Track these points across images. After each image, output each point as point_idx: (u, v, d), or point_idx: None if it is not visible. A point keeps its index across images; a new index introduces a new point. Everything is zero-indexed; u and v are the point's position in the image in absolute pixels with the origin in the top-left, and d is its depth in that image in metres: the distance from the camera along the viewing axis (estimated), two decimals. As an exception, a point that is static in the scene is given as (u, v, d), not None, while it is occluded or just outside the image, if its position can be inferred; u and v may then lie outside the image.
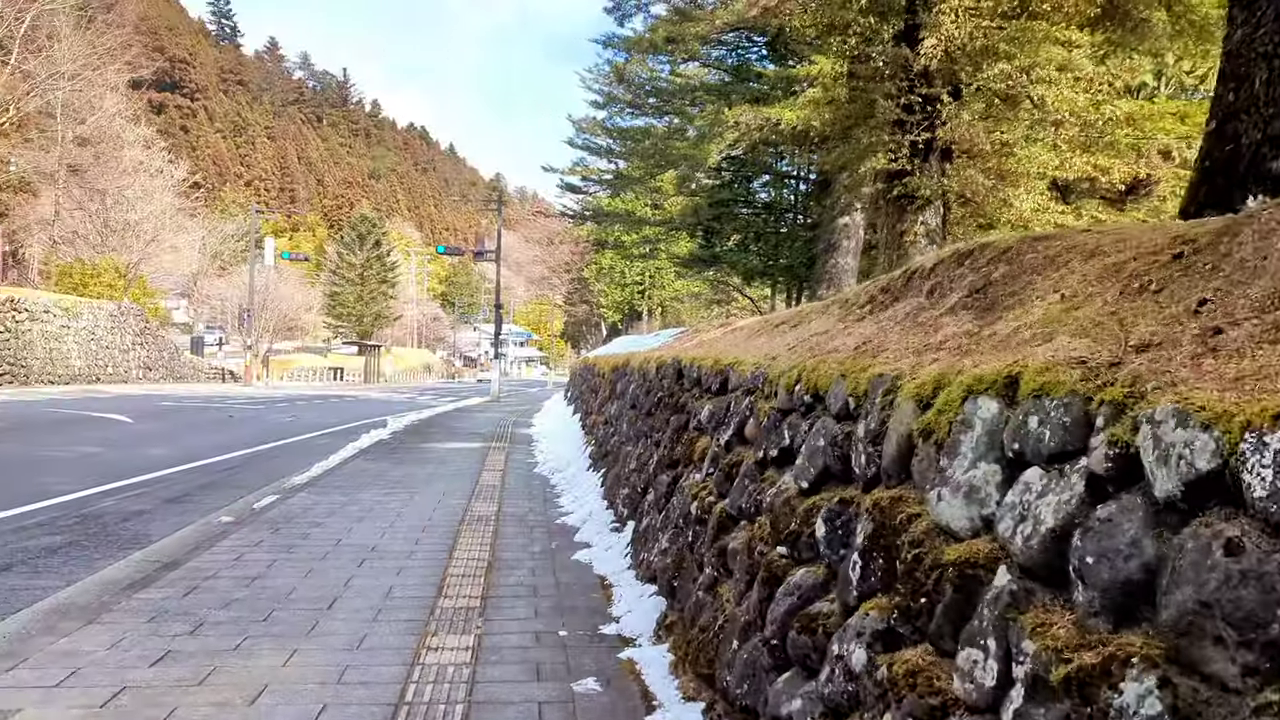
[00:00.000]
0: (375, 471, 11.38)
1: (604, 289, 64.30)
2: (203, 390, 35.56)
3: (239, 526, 7.70)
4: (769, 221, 33.92)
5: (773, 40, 27.04)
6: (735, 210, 33.63)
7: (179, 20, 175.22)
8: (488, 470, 11.67)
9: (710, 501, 4.70)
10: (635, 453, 7.58)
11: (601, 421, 11.06)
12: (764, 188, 34.73)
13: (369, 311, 76.44)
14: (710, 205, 31.53)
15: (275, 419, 20.79)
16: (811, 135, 21.43)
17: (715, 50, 29.74)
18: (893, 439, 2.79)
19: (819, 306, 5.68)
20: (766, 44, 28.91)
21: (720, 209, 32.35)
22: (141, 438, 15.51)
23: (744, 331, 7.12)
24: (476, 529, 7.71)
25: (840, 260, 12.36)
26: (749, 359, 5.01)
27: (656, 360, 7.80)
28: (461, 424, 20.04)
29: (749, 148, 23.31)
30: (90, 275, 38.85)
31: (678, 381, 6.76)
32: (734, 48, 30.44)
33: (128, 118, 43.49)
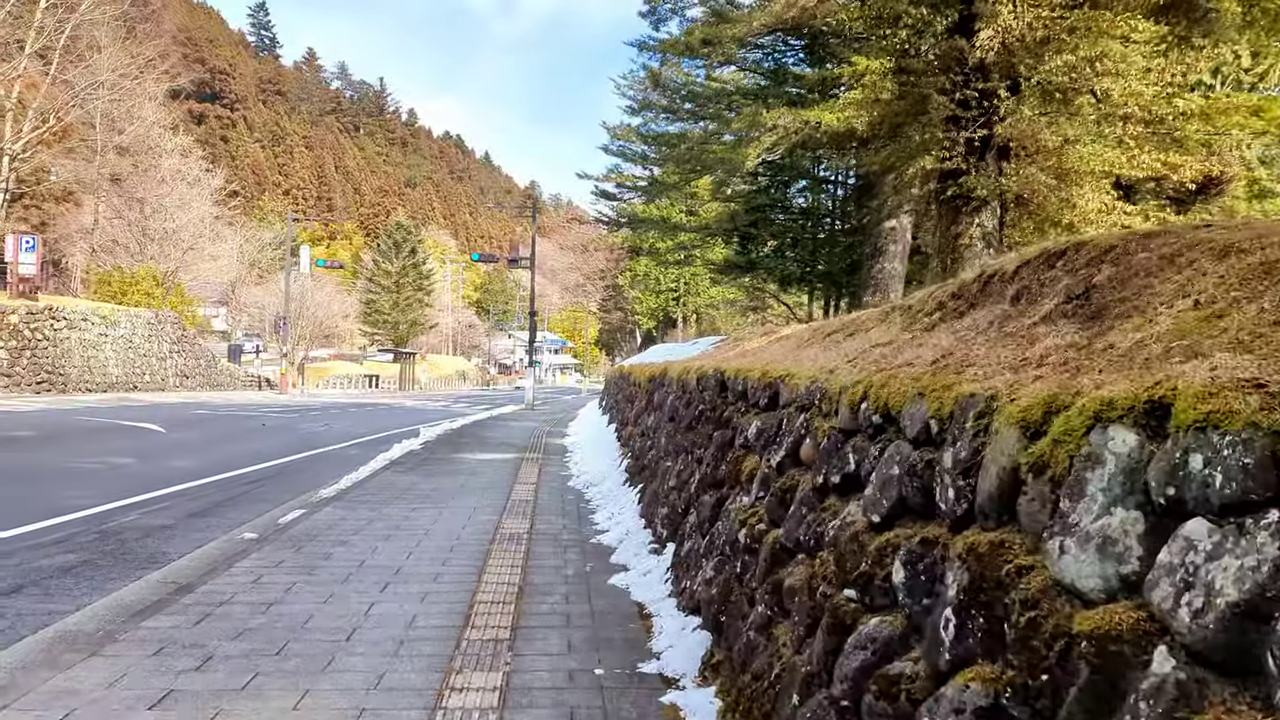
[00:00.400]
0: (405, 484, 11.05)
1: (638, 296, 63.97)
2: (238, 398, 35.61)
3: (261, 544, 7.37)
4: (806, 227, 33.38)
5: (810, 43, 26.58)
6: (772, 216, 33.14)
7: (219, 32, 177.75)
8: (520, 483, 11.30)
9: (761, 530, 4.27)
10: (674, 469, 7.16)
11: (638, 433, 10.65)
12: (800, 193, 34.20)
13: (404, 319, 76.65)
14: (747, 211, 31.06)
15: (308, 428, 20.59)
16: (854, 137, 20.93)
17: (751, 54, 29.28)
18: (991, 472, 2.35)
19: (875, 314, 5.23)
20: (804, 47, 28.43)
21: (757, 214, 31.86)
22: (172, 448, 15.32)
23: (791, 341, 6.68)
24: (507, 549, 7.32)
25: (887, 265, 11.86)
26: (801, 371, 4.58)
27: (697, 371, 7.38)
28: (494, 433, 19.72)
29: (787, 151, 22.82)
30: (129, 283, 39.12)
31: (720, 394, 6.34)
32: (770, 51, 29.94)
33: (166, 126, 43.85)
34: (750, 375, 5.50)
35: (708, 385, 6.82)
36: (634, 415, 11.91)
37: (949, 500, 2.57)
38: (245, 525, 8.43)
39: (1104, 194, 8.82)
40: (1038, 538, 2.13)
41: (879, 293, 11.84)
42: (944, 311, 4.04)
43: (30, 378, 29.20)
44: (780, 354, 6.18)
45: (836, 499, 3.53)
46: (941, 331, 3.65)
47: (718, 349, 9.87)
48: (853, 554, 3.09)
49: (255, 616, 5.27)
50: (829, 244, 31.38)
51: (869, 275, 12.09)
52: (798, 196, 34.36)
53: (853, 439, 3.49)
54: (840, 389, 3.74)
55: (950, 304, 4.04)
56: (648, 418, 10.14)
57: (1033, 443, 2.21)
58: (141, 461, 13.27)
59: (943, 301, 4.14)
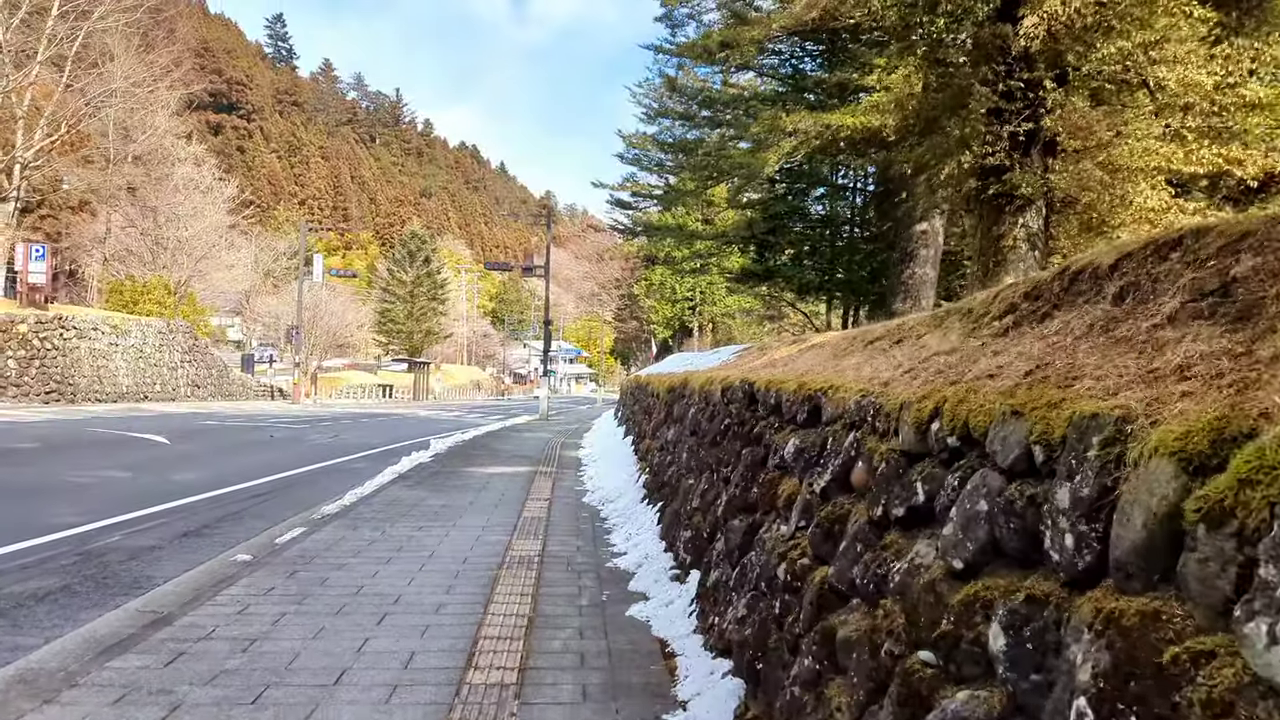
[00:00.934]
0: (412, 500, 10.53)
1: (654, 305, 63.46)
2: (249, 408, 35.23)
3: (253, 568, 6.86)
4: (824, 235, 32.84)
5: (828, 47, 26.08)
6: (789, 224, 32.61)
7: (237, 43, 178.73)
8: (533, 499, 10.77)
9: (805, 565, 3.72)
10: (698, 488, 6.61)
11: (656, 447, 10.11)
12: (818, 201, 33.66)
13: (419, 328, 76.35)
14: (765, 219, 30.55)
15: (316, 439, 20.13)
16: (877, 140, 20.37)
17: (768, 59, 28.82)
18: (1134, 518, 1.80)
19: (925, 319, 4.68)
20: (821, 52, 27.94)
21: (775, 222, 31.34)
22: (174, 460, 14.87)
23: (825, 349, 6.13)
24: (517, 573, 6.78)
25: (918, 271, 11.28)
26: (847, 384, 4.03)
27: (722, 381, 6.83)
28: (507, 445, 19.21)
29: (806, 157, 22.30)
30: (140, 292, 38.86)
31: (749, 407, 5.79)
32: (787, 57, 29.48)
33: (179, 135, 43.63)
34: (784, 387, 4.96)
35: (735, 397, 6.28)
36: (652, 428, 11.36)
37: (1065, 549, 2.02)
38: (240, 546, 7.93)
39: (1161, 191, 8.23)
40: (1215, 612, 1.58)
41: (909, 299, 11.26)
42: (1017, 314, 3.48)
43: (39, 388, 28.89)
44: (815, 364, 5.64)
45: (900, 535, 2.98)
46: (1027, 339, 3.09)
47: (740, 358, 9.31)
48: (928, 606, 2.54)
49: (235, 656, 4.74)
50: (848, 252, 30.82)
51: (898, 281, 11.49)
52: (815, 204, 33.83)
53: (920, 464, 2.95)
54: (900, 405, 3.20)
55: (1025, 305, 3.48)
56: (667, 431, 9.59)
57: (1201, 481, 1.66)
58: (140, 475, 12.81)
59: (1013, 303, 3.58)
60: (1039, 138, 8.29)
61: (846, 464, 3.61)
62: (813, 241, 33.23)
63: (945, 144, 8.88)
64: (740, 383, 6.12)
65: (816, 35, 25.46)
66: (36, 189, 41.00)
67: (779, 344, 8.00)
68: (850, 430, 3.72)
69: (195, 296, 43.80)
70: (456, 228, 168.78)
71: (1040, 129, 8.15)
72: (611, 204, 57.49)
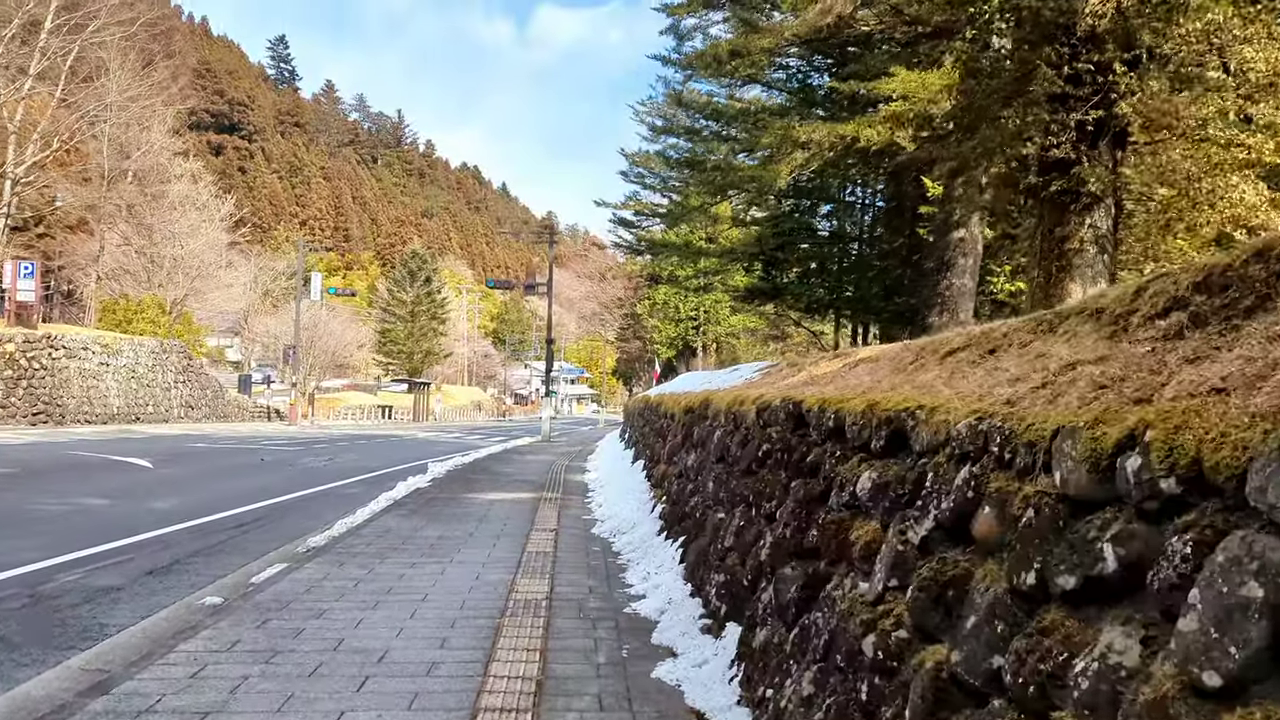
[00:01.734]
0: (405, 531, 9.65)
1: (657, 324, 62.74)
2: (244, 430, 34.37)
3: (220, 614, 6.00)
4: (832, 252, 32.11)
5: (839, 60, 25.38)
6: (798, 240, 31.88)
7: (239, 65, 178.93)
8: (537, 530, 9.89)
9: (902, 639, 2.86)
10: (731, 524, 5.75)
11: (674, 474, 9.24)
12: (826, 218, 32.95)
13: (419, 348, 75.52)
14: (774, 235, 29.84)
15: (309, 463, 19.26)
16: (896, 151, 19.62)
17: (777, 73, 28.17)
18: None
19: (1025, 325, 3.84)
20: (830, 66, 27.26)
21: (783, 239, 30.61)
22: (155, 486, 14.00)
23: (882, 364, 5.28)
24: (523, 622, 5.91)
25: (955, 281, 10.41)
26: (945, 403, 3.19)
27: (756, 401, 5.98)
28: (509, 468, 18.33)
29: (818, 170, 21.59)
30: (134, 311, 38.03)
31: (797, 431, 4.95)
32: (795, 71, 28.83)
33: (175, 152, 42.94)
34: (846, 407, 4.11)
35: (775, 419, 5.43)
36: (667, 452, 10.49)
37: None
38: (210, 586, 7.07)
39: (1257, 186, 7.40)
40: None
41: (946, 312, 10.39)
42: (1190, 311, 2.63)
43: (26, 409, 28.01)
44: (878, 380, 4.79)
45: (1070, 616, 2.12)
46: (1246, 340, 2.24)
47: (767, 375, 8.46)
48: (1157, 741, 1.68)
49: (178, 737, 3.87)
50: (857, 269, 30.07)
51: (934, 292, 10.63)
52: (823, 222, 33.11)
53: (1097, 516, 2.09)
54: (1053, 431, 2.35)
55: (1199, 300, 2.63)
56: (686, 456, 8.73)
57: None
58: (116, 503, 11.94)
59: (1179, 298, 2.73)
60: (1108, 128, 7.47)
61: (961, 508, 2.75)
62: (820, 259, 32.51)
63: (995, 138, 8.04)
64: (782, 402, 5.27)
65: (828, 45, 24.75)
66: (32, 207, 40.26)
67: (813, 359, 7.16)
68: (962, 464, 2.87)
69: (190, 316, 42.97)
70: (458, 248, 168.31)
71: (1111, 117, 7.32)
72: (614, 223, 56.90)
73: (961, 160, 8.93)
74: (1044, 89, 7.17)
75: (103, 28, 34.17)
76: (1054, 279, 7.62)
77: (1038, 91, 7.27)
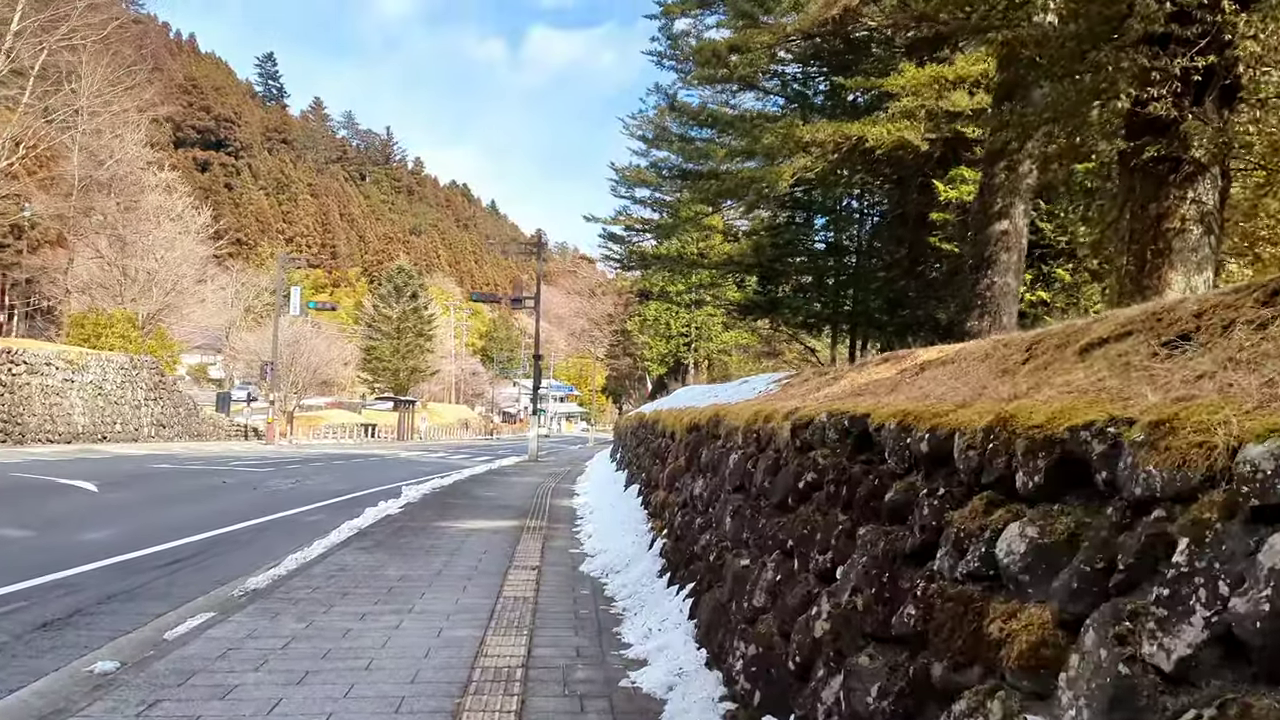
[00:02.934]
0: (364, 570, 8.29)
1: (648, 341, 61.41)
2: (216, 449, 32.84)
3: (103, 690, 4.65)
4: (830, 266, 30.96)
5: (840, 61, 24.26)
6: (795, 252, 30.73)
7: (226, 81, 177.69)
8: (517, 568, 8.53)
9: None
10: (762, 577, 4.41)
11: (676, 503, 7.89)
12: (824, 229, 31.80)
13: (405, 366, 73.95)
14: (772, 246, 28.68)
15: (275, 485, 17.83)
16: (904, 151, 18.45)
17: (772, 81, 27.06)
18: None
19: (1227, 297, 2.55)
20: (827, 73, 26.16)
21: (780, 250, 29.45)
22: (93, 514, 12.58)
23: (970, 365, 3.98)
24: (489, 703, 4.56)
25: (998, 280, 9.12)
26: (1188, 416, 1.88)
27: (790, 417, 4.67)
28: (491, 491, 16.95)
29: (821, 174, 20.39)
30: (104, 325, 36.47)
31: (858, 456, 3.64)
32: (792, 79, 27.74)
33: (149, 160, 41.41)
34: (952, 422, 2.80)
35: (819, 439, 4.12)
36: (667, 476, 9.14)
37: None
38: (107, 647, 5.74)
39: None
40: None
41: (987, 315, 9.10)
42: None
43: (-17, 427, 26.49)
44: (973, 385, 3.49)
45: None
46: None
47: (787, 387, 7.14)
48: None
49: None
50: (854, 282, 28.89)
51: (973, 294, 9.33)
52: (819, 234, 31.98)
53: None
54: None
55: None
56: (692, 483, 7.39)
57: None
58: (45, 534, 10.53)
59: None
60: (1216, 79, 6.21)
61: None
62: (817, 272, 31.35)
63: (1064, 98, 6.75)
64: (833, 418, 3.96)
65: (829, 42, 23.64)
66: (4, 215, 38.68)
67: (850, 367, 5.84)
68: (1256, 525, 1.56)
69: (164, 331, 41.35)
70: (446, 265, 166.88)
71: (1222, 65, 6.04)
72: (604, 238, 55.80)
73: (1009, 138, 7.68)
74: (1142, 29, 5.89)
75: (73, 31, 32.77)
76: (1149, 266, 6.35)
77: (1133, 32, 6.00)
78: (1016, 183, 9.09)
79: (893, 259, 25.60)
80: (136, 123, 39.24)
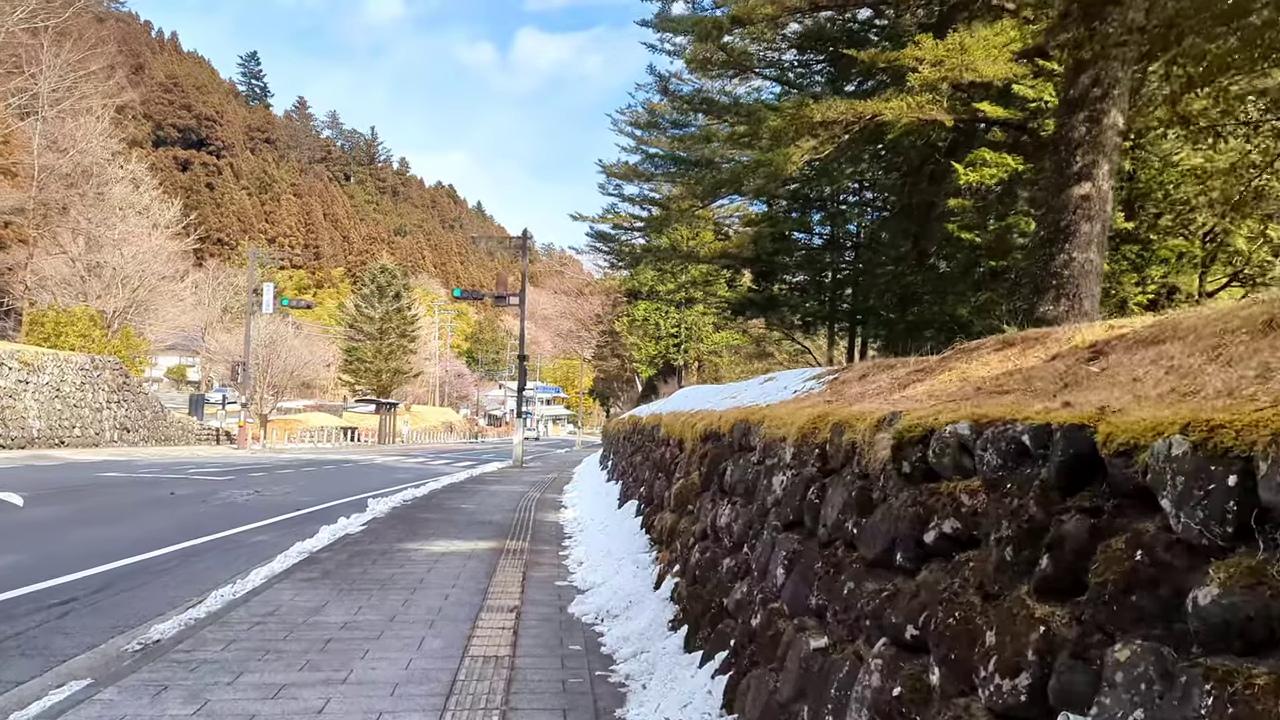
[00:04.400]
0: (300, 613, 6.66)
1: (636, 342, 59.80)
2: (182, 455, 31.00)
3: None
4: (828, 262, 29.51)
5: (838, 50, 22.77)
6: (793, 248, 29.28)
7: (209, 80, 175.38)
8: (491, 610, 6.90)
9: None
10: (865, 682, 2.81)
11: (693, 533, 6.28)
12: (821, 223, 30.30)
13: (387, 367, 72.01)
14: (771, 239, 27.19)
15: (230, 497, 16.13)
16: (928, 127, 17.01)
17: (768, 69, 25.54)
18: None
19: None
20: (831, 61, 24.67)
21: (779, 243, 27.94)
22: (1, 534, 10.88)
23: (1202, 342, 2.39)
24: None
25: (1078, 255, 7.49)
26: None
27: (887, 426, 3.08)
28: (469, 503, 15.31)
29: (830, 158, 18.84)
30: (65, 324, 34.57)
31: (1059, 499, 2.04)
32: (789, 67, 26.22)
33: (115, 151, 39.39)
34: None
35: (964, 463, 2.54)
36: (674, 495, 7.52)
37: None
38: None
39: None
40: None
41: (1065, 297, 7.53)
42: None
43: (-74, 431, 24.66)
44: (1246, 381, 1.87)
45: None
46: None
47: (839, 385, 5.52)
48: None
49: None
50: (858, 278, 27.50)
51: (1047, 272, 7.71)
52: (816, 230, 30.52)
53: None
54: None
55: None
56: (713, 508, 5.78)
57: None
58: (-71, 560, 8.85)
59: None
60: None
61: None
62: (817, 269, 29.93)
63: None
64: (982, 429, 2.38)
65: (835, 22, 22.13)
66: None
67: (955, 355, 4.22)
68: None
69: (130, 330, 39.36)
70: (432, 266, 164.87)
71: None
72: (592, 237, 54.29)
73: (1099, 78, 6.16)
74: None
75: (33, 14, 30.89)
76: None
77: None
78: (1101, 136, 7.55)
79: (900, 253, 24.10)
80: (100, 113, 37.22)
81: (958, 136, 19.43)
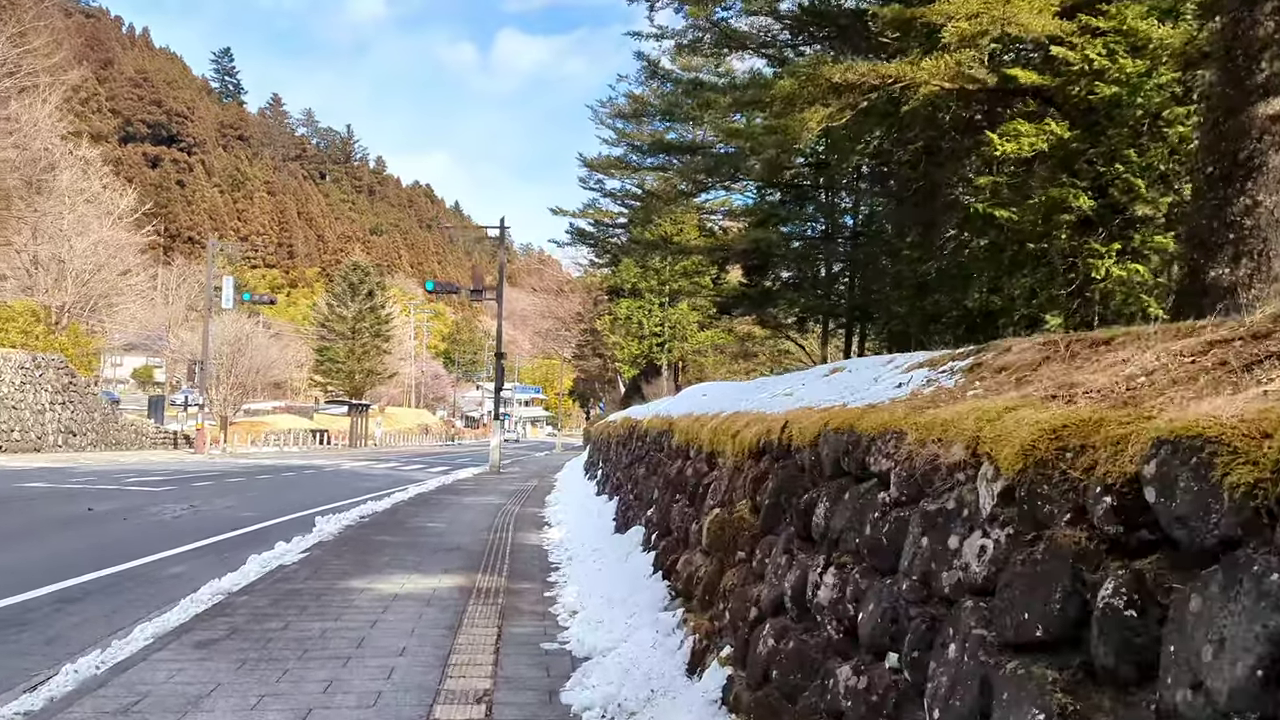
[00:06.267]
0: (173, 706, 4.56)
1: (619, 341, 57.73)
2: (129, 461, 28.65)
3: None
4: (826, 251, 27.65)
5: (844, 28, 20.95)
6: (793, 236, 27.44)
7: (180, 76, 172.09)
8: (449, 697, 4.82)
9: None
10: None
11: (758, 599, 4.20)
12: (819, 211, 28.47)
13: (360, 368, 69.42)
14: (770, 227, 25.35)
15: (160, 512, 13.95)
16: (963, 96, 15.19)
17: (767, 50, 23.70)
18: None
19: None
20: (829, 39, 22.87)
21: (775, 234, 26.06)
22: None
23: None
24: None
25: (1266, 200, 5.51)
26: None
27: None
28: (438, 521, 13.21)
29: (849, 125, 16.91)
30: (6, 320, 32.10)
31: None
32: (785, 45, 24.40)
33: (62, 135, 36.86)
34: None
35: None
36: (709, 531, 5.45)
37: None
38: None
39: None
40: None
41: (1246, 256, 5.54)
42: None
43: None
44: None
45: None
46: None
47: (979, 377, 3.51)
48: None
49: None
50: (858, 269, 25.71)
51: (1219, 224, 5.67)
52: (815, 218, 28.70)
53: None
54: None
55: None
56: (805, 571, 3.73)
57: None
58: None
59: None
60: None
61: None
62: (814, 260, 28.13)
63: None
64: None
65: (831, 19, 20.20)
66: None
67: (1104, 339, 2.18)
68: None
69: (77, 327, 36.85)
70: (409, 266, 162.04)
71: None
72: (572, 233, 52.31)
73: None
74: None
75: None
76: None
77: None
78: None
79: (912, 239, 22.21)
80: (46, 93, 34.68)
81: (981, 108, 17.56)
